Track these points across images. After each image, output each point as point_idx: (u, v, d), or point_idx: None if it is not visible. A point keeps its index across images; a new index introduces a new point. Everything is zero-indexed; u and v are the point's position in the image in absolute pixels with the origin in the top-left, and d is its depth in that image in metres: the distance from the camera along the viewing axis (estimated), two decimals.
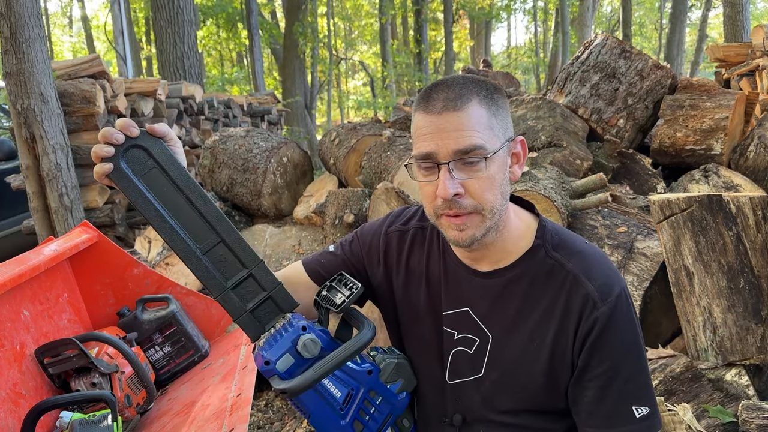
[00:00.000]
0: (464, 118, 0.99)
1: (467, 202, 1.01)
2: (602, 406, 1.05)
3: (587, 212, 2.71)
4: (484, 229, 1.04)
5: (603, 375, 1.05)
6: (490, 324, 1.12)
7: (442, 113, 1.00)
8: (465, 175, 1.00)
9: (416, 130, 1.04)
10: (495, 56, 30.42)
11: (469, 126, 0.99)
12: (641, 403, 1.05)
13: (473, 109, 1.00)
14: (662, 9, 19.37)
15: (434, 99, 1.02)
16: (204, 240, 1.04)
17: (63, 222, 4.18)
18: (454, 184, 0.99)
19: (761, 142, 3.24)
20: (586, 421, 1.07)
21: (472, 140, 0.99)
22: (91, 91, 4.39)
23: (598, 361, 1.04)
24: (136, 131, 1.01)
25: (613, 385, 1.04)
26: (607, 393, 1.05)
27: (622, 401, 1.05)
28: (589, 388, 1.06)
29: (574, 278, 1.07)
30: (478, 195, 1.01)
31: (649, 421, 1.05)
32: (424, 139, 1.02)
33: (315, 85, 14.16)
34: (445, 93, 1.01)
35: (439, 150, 1.00)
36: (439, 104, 1.00)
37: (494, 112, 1.03)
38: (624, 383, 1.04)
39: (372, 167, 3.76)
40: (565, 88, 3.83)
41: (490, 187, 1.01)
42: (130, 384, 1.67)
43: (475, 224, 1.03)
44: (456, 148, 0.98)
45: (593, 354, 1.05)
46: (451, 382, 1.16)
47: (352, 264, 1.27)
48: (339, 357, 0.98)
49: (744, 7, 7.81)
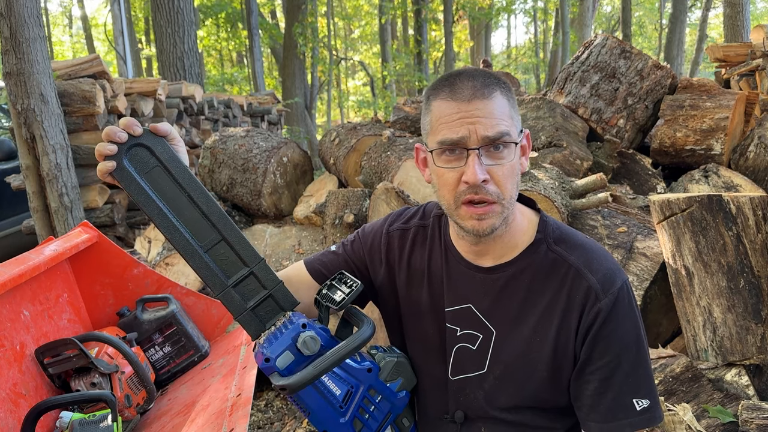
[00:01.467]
0: (493, 107, 1.01)
1: (492, 189, 1.02)
2: (604, 399, 1.05)
3: (587, 212, 2.71)
4: (502, 219, 1.05)
5: (605, 367, 1.05)
6: (493, 319, 1.12)
7: (472, 101, 1.01)
8: (492, 161, 1.02)
9: (440, 117, 1.04)
10: (495, 56, 30.41)
11: (498, 114, 1.01)
12: (641, 395, 1.05)
13: (499, 98, 1.02)
14: (662, 9, 19.36)
15: (460, 87, 1.02)
16: (205, 238, 1.05)
17: (63, 222, 4.18)
18: (482, 169, 1.00)
19: (761, 142, 3.24)
20: (588, 414, 1.08)
21: (501, 127, 1.01)
22: (91, 91, 4.39)
23: (600, 354, 1.05)
24: (139, 130, 1.02)
25: (614, 378, 1.05)
26: (608, 386, 1.05)
27: (624, 394, 1.05)
28: (591, 381, 1.06)
29: (576, 271, 1.07)
30: (502, 183, 1.02)
31: (649, 414, 1.05)
32: (452, 125, 1.02)
33: (315, 85, 14.13)
34: (471, 82, 1.02)
35: (470, 135, 1.00)
36: (468, 92, 1.01)
37: (512, 104, 1.06)
38: (625, 376, 1.05)
39: (372, 167, 3.76)
40: (565, 88, 3.83)
41: (511, 175, 1.04)
42: (130, 384, 1.67)
43: (495, 214, 1.04)
44: (486, 134, 1.00)
45: (595, 346, 1.05)
46: (454, 378, 1.17)
47: (354, 263, 1.27)
48: (338, 354, 0.98)
49: (744, 7, 7.81)
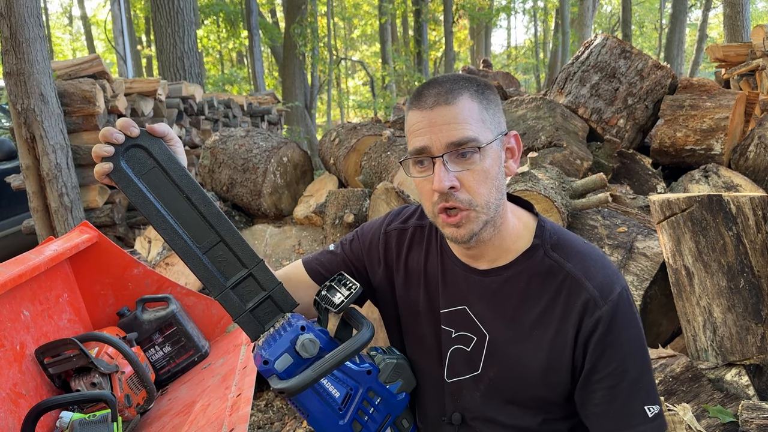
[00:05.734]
0: (456, 112, 1.00)
1: (463, 196, 1.01)
2: (613, 407, 1.05)
3: (587, 212, 2.71)
4: (482, 223, 1.04)
5: (611, 375, 1.04)
6: (487, 322, 1.12)
7: (434, 108, 1.01)
8: (459, 167, 1.01)
9: (409, 127, 1.05)
10: (495, 56, 30.41)
11: (461, 119, 1.00)
12: (651, 401, 1.05)
13: (464, 102, 1.01)
14: (662, 9, 19.35)
15: (426, 95, 1.03)
16: (204, 239, 1.05)
17: (63, 222, 4.18)
18: (449, 176, 1.00)
19: (761, 142, 3.24)
20: (597, 423, 1.07)
21: (465, 132, 1.00)
22: (91, 91, 4.39)
23: (606, 362, 1.04)
24: (137, 131, 1.02)
25: (622, 385, 1.04)
26: (616, 393, 1.04)
27: (634, 401, 1.04)
28: (598, 390, 1.05)
29: (573, 279, 1.07)
30: (473, 189, 1.01)
31: (660, 420, 1.05)
32: (417, 134, 1.03)
33: (315, 85, 14.13)
34: (436, 89, 1.03)
35: (432, 143, 1.01)
36: (431, 99, 1.02)
37: (485, 106, 1.04)
38: (633, 382, 1.04)
39: (372, 167, 3.76)
40: (565, 88, 3.83)
41: (485, 181, 1.02)
42: (130, 384, 1.67)
43: (470, 221, 1.03)
44: (449, 140, 0.99)
45: (599, 354, 1.04)
46: (450, 380, 1.16)
47: (353, 263, 1.27)
48: (338, 357, 0.98)
49: (744, 7, 7.80)
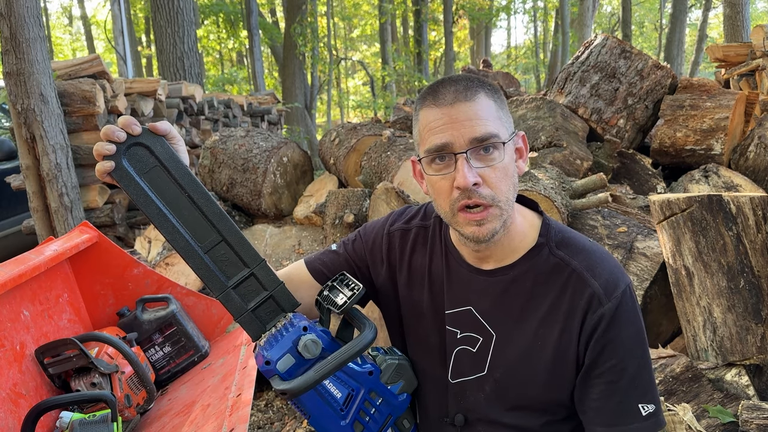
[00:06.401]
0: (477, 108, 1.00)
1: (485, 192, 1.01)
2: (609, 404, 1.05)
3: (587, 212, 2.71)
4: (502, 222, 1.04)
5: (610, 371, 1.05)
6: (494, 322, 1.12)
7: (455, 104, 1.00)
8: (482, 163, 1.01)
9: (426, 125, 1.04)
10: (495, 56, 30.42)
11: (482, 115, 1.00)
12: (646, 400, 1.05)
13: (483, 100, 1.02)
14: (662, 9, 19.35)
15: (443, 92, 1.02)
16: (205, 239, 1.04)
17: (63, 222, 4.18)
18: (472, 172, 0.99)
19: (761, 142, 3.24)
20: (593, 419, 1.07)
21: (488, 128, 1.00)
22: (91, 91, 4.39)
23: (606, 358, 1.05)
24: (138, 129, 1.01)
25: (620, 382, 1.04)
26: (614, 390, 1.05)
27: (629, 398, 1.05)
28: (596, 386, 1.06)
29: (578, 276, 1.07)
30: (495, 185, 1.01)
31: (654, 419, 1.05)
32: (436, 131, 1.01)
33: (315, 85, 14.13)
34: (453, 86, 1.02)
35: (455, 140, 1.00)
36: (450, 96, 1.01)
37: (500, 105, 1.05)
38: (631, 380, 1.05)
39: (372, 167, 3.76)
40: (565, 88, 3.83)
41: (505, 177, 1.02)
42: (130, 384, 1.67)
43: (493, 218, 1.02)
44: (472, 136, 0.99)
45: (600, 350, 1.05)
46: (454, 381, 1.16)
47: (355, 263, 1.27)
48: (340, 358, 0.98)
49: (744, 7, 7.80)
